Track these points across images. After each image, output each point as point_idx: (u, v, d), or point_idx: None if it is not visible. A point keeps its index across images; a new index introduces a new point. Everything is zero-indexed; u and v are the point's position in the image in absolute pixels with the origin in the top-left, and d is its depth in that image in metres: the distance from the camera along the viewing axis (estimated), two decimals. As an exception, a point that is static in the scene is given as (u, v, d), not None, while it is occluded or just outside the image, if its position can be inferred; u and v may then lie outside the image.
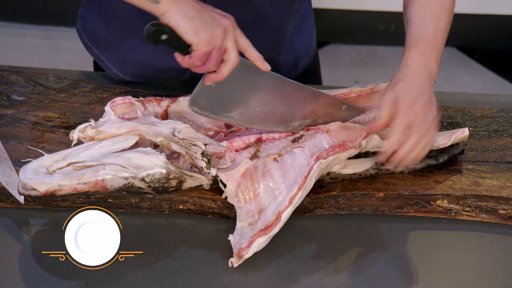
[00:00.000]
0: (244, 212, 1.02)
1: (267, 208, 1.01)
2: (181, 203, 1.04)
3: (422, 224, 1.07)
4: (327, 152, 1.05)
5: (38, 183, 0.94)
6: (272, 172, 1.04)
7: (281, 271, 0.96)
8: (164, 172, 0.99)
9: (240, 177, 1.04)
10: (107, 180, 0.96)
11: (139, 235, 0.99)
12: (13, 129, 1.13)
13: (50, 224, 1.00)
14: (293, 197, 1.00)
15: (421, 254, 1.01)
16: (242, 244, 0.97)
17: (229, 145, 1.08)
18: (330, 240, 1.02)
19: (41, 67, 1.40)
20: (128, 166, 0.98)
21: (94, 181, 0.96)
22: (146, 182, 0.98)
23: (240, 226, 1.00)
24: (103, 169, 0.96)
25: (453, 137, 1.15)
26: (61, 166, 0.98)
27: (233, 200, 1.02)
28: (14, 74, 1.26)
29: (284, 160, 1.05)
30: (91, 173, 0.96)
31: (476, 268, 1.00)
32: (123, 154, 0.99)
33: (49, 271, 0.92)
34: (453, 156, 1.16)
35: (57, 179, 0.95)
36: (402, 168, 1.12)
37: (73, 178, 0.95)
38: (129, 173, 0.97)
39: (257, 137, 1.10)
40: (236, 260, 0.95)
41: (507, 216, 1.09)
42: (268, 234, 0.97)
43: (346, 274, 0.97)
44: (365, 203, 1.08)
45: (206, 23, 0.99)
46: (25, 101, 1.20)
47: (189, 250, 0.98)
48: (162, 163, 0.99)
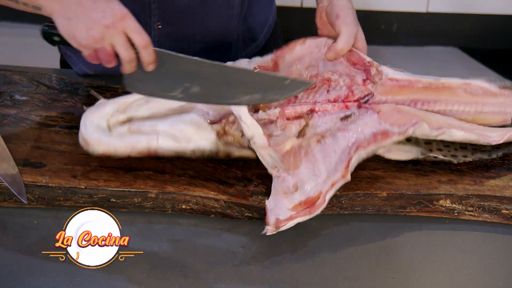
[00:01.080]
0: (280, 180, 1.04)
1: (306, 183, 1.03)
2: (184, 203, 1.04)
3: (424, 224, 1.07)
4: (368, 142, 1.06)
5: (96, 142, 1.04)
6: (315, 153, 1.07)
7: (283, 271, 0.96)
8: (214, 147, 1.06)
9: (285, 153, 1.08)
10: (160, 150, 1.05)
11: (141, 235, 0.99)
12: (16, 128, 1.13)
13: (53, 223, 1.00)
14: (335, 182, 1.02)
15: (423, 254, 1.01)
16: (279, 214, 0.99)
17: (281, 112, 1.11)
18: (333, 239, 1.02)
19: (44, 67, 1.40)
20: (180, 138, 1.05)
21: (147, 151, 1.05)
22: (195, 153, 1.06)
23: (275, 193, 1.02)
24: (156, 140, 1.04)
25: (508, 135, 1.15)
26: (121, 120, 1.07)
27: (272, 170, 1.06)
28: (17, 74, 1.27)
29: (327, 142, 1.08)
30: (145, 142, 1.05)
31: (479, 268, 1.00)
32: (176, 124, 1.06)
33: (49, 271, 0.92)
34: (509, 154, 1.17)
35: (114, 142, 1.04)
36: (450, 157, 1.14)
37: (128, 144, 1.04)
38: (180, 146, 1.05)
39: (310, 107, 1.12)
40: (273, 229, 0.97)
41: (510, 216, 1.09)
42: (311, 215, 1.00)
43: (348, 273, 0.97)
44: (368, 202, 1.08)
45: (79, 26, 0.97)
46: (28, 101, 1.20)
47: (191, 250, 0.98)
48: (212, 140, 1.06)
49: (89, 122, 1.06)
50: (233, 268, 0.95)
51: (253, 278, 0.94)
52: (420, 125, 1.09)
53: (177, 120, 1.07)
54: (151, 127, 1.07)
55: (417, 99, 1.17)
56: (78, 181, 1.02)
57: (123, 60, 1.00)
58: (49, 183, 1.01)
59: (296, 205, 1.01)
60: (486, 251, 1.03)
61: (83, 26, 0.97)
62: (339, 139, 1.08)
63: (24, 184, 1.01)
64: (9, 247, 0.96)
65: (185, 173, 1.07)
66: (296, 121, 1.12)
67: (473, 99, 1.17)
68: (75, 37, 0.98)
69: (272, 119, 1.12)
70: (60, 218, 1.00)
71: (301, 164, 1.06)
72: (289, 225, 0.98)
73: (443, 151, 1.15)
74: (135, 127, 1.07)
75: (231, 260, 0.96)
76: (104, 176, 1.04)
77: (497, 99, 1.18)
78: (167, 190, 1.03)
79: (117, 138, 1.05)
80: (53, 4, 0.97)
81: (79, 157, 1.07)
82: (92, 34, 0.97)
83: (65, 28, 0.98)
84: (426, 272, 0.98)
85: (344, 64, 1.17)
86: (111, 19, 0.97)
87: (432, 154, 1.14)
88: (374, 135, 1.08)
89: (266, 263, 0.97)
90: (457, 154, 1.15)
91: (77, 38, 0.98)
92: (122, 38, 0.98)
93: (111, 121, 1.08)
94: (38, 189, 1.01)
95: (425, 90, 1.17)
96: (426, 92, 1.17)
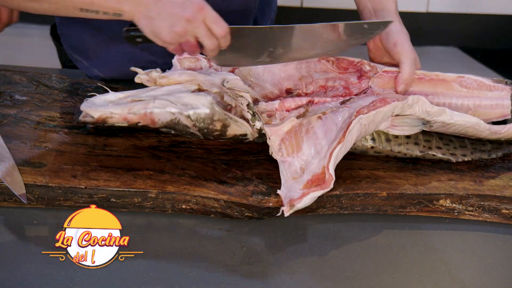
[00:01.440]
0: (287, 166, 1.05)
1: (311, 162, 1.04)
2: (184, 203, 1.04)
3: (424, 223, 1.07)
4: (368, 108, 1.06)
5: (93, 109, 1.03)
6: (316, 129, 1.07)
7: (283, 271, 0.96)
8: (209, 111, 1.05)
9: (285, 133, 1.08)
10: (155, 113, 1.04)
11: (141, 235, 0.99)
12: (16, 128, 1.13)
13: (53, 223, 1.00)
14: (332, 151, 1.03)
15: (423, 254, 1.01)
16: (293, 196, 1.00)
17: (280, 104, 1.12)
18: (333, 239, 1.02)
19: (44, 66, 1.40)
20: (177, 102, 1.04)
21: (143, 113, 1.04)
22: (191, 120, 1.05)
23: (285, 180, 1.03)
24: (153, 102, 1.04)
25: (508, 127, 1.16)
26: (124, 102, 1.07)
27: (276, 155, 1.06)
28: (17, 74, 1.27)
29: (328, 117, 1.08)
30: (142, 105, 1.04)
31: (479, 268, 1.00)
32: (175, 93, 1.06)
33: (49, 271, 0.92)
34: (509, 154, 1.17)
35: (111, 107, 1.04)
36: (449, 156, 1.14)
37: (124, 107, 1.03)
38: (176, 109, 1.04)
39: (309, 99, 1.13)
40: (288, 209, 0.99)
41: (510, 216, 1.09)
42: (324, 190, 1.00)
43: (348, 273, 0.97)
44: (368, 202, 1.08)
45: (163, 24, 0.99)
46: (28, 101, 1.20)
47: (191, 250, 0.98)
48: (208, 103, 1.04)
49: (90, 101, 1.07)
50: (233, 268, 0.95)
51: (253, 278, 0.94)
52: (420, 98, 1.09)
53: (176, 90, 1.08)
54: (151, 96, 1.07)
55: (414, 91, 1.17)
56: (78, 181, 1.02)
57: (207, 49, 1.03)
58: (49, 183, 1.01)
59: (305, 184, 1.02)
60: (486, 251, 1.03)
61: (166, 24, 0.99)
62: (340, 113, 1.09)
63: (24, 184, 1.01)
64: (9, 247, 0.96)
65: (185, 173, 1.07)
66: (295, 111, 1.13)
67: (469, 93, 1.18)
68: (159, 35, 0.99)
69: (272, 111, 1.12)
70: (60, 218, 1.00)
71: (302, 143, 1.07)
72: (305, 202, 0.99)
73: (442, 149, 1.15)
74: (136, 98, 1.07)
75: (231, 260, 0.96)
76: (104, 176, 1.04)
77: (493, 93, 1.19)
78: (167, 190, 1.03)
79: (115, 104, 1.06)
80: (134, 8, 0.98)
81: (79, 157, 1.07)
82: (176, 30, 0.99)
83: (148, 28, 1.00)
84: (426, 272, 0.98)
85: (335, 72, 1.18)
86: (191, 12, 0.99)
87: (431, 152, 1.14)
88: (373, 101, 1.08)
89: (266, 263, 0.97)
90: (456, 153, 1.15)
91: (162, 36, 0.99)
92: (203, 28, 1.01)
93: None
94: (38, 189, 1.01)
95: (420, 82, 1.18)
96: (422, 84, 1.17)
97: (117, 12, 0.99)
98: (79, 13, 1.00)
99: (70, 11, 0.99)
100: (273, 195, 1.05)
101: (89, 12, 0.99)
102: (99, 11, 0.99)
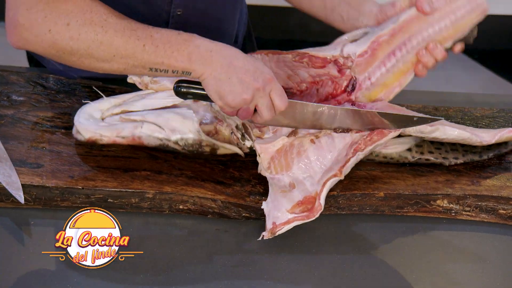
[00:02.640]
0: (276, 181, 1.05)
1: (303, 183, 1.04)
2: (181, 203, 1.04)
3: (422, 224, 1.07)
4: (365, 143, 1.07)
5: (84, 128, 1.06)
6: (308, 153, 1.07)
7: (281, 271, 0.96)
8: (197, 138, 1.07)
9: (275, 152, 1.08)
10: (143, 138, 1.07)
11: (139, 235, 0.99)
12: (13, 129, 1.13)
13: (50, 224, 1.00)
14: (326, 181, 1.02)
15: (421, 254, 1.01)
16: (277, 217, 0.98)
17: None
18: (330, 239, 1.02)
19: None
20: (165, 127, 1.06)
21: (131, 138, 1.06)
22: (179, 145, 1.07)
23: (273, 193, 1.02)
24: (141, 127, 1.06)
25: (498, 136, 1.16)
26: (116, 112, 1.10)
27: (265, 172, 1.06)
28: (14, 74, 1.26)
29: (322, 142, 1.08)
30: (130, 129, 1.06)
31: (476, 268, 1.00)
32: (164, 113, 1.07)
33: (49, 271, 0.92)
34: (500, 155, 1.17)
35: (101, 129, 1.06)
36: (442, 160, 1.15)
37: (113, 130, 1.06)
38: (163, 135, 1.06)
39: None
40: (268, 235, 0.97)
41: (507, 216, 1.09)
42: (307, 220, 0.99)
43: (345, 274, 0.97)
44: (365, 203, 1.08)
45: (231, 88, 1.00)
46: (25, 101, 1.20)
47: (189, 250, 0.98)
48: (195, 130, 1.06)
49: (83, 112, 1.09)
50: (230, 268, 0.95)
51: (251, 279, 0.94)
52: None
53: (164, 111, 1.09)
54: (140, 116, 1.08)
55: (394, 48, 1.13)
56: (75, 181, 1.02)
57: (262, 118, 1.04)
58: (46, 183, 1.01)
59: (294, 205, 1.01)
60: (483, 251, 1.03)
61: (235, 89, 0.99)
62: (335, 139, 1.08)
63: (21, 184, 1.00)
64: (6, 247, 0.95)
65: (182, 174, 1.07)
66: None
67: (443, 13, 1.13)
68: (225, 98, 1.00)
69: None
70: (57, 219, 1.00)
71: (293, 164, 1.06)
72: (286, 229, 0.98)
73: (434, 153, 1.15)
74: (125, 117, 1.09)
75: (228, 261, 0.96)
76: (102, 176, 1.04)
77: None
78: (165, 190, 1.03)
79: (105, 125, 1.07)
80: (203, 68, 0.99)
81: (76, 157, 1.07)
82: (244, 97, 1.00)
83: (214, 89, 1.00)
84: (424, 272, 0.98)
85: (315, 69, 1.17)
86: (261, 82, 1.01)
87: (423, 157, 1.14)
88: (369, 135, 1.08)
89: (264, 263, 0.97)
90: (448, 157, 1.15)
91: (228, 99, 1.00)
92: (267, 100, 1.02)
93: (105, 114, 1.10)
94: (35, 190, 1.01)
95: (394, 37, 1.14)
96: (396, 37, 1.14)
97: (186, 70, 1.00)
98: (147, 72, 1.00)
99: (139, 70, 1.00)
100: (270, 196, 1.05)
101: (157, 72, 1.00)
102: (168, 70, 0.99)
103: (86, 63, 0.99)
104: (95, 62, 0.98)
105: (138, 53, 0.97)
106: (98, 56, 0.97)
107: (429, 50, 1.13)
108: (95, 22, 0.96)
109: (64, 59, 0.99)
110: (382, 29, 1.15)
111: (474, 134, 1.13)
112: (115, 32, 0.96)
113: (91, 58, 0.98)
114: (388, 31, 1.14)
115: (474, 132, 1.14)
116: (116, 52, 0.97)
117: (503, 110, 1.32)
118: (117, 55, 0.97)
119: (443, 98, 1.43)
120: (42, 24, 0.95)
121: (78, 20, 0.96)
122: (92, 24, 0.96)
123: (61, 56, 0.98)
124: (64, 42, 0.96)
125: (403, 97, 1.19)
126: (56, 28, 0.95)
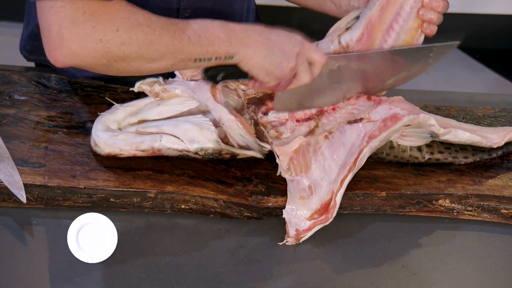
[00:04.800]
0: (295, 184, 1.05)
1: (320, 185, 1.04)
2: (183, 203, 1.04)
3: (424, 223, 1.07)
4: (380, 129, 1.06)
5: (103, 143, 1.06)
6: (323, 150, 1.07)
7: (282, 271, 0.96)
8: (216, 148, 1.06)
9: (293, 152, 1.08)
10: (163, 150, 1.07)
11: (140, 235, 0.99)
12: (15, 128, 1.13)
13: (52, 223, 1.00)
14: (344, 178, 1.03)
15: (423, 254, 1.01)
16: (299, 225, 1.00)
17: (291, 115, 1.12)
18: (332, 239, 1.02)
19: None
20: (184, 138, 1.06)
21: (151, 151, 1.06)
22: (200, 154, 1.07)
23: (291, 198, 1.03)
24: (159, 140, 1.06)
25: (508, 136, 1.16)
26: (132, 122, 1.10)
27: (285, 174, 1.06)
28: (16, 73, 1.26)
29: (335, 137, 1.08)
30: (149, 142, 1.06)
31: (478, 268, 1.00)
32: (181, 123, 1.07)
33: (52, 270, 0.92)
34: (508, 153, 1.17)
35: (120, 143, 1.06)
36: (452, 159, 1.15)
37: (132, 144, 1.06)
38: (183, 146, 1.06)
39: (319, 109, 1.13)
40: (293, 241, 1.00)
41: (509, 216, 1.09)
42: (327, 223, 1.01)
43: (347, 273, 0.97)
44: (367, 202, 1.08)
45: (277, 61, 1.01)
46: (27, 100, 1.20)
47: (191, 250, 0.98)
48: (214, 140, 1.06)
49: (100, 125, 1.08)
50: (232, 268, 0.95)
51: (253, 278, 0.94)
52: (430, 118, 1.09)
53: (181, 121, 1.08)
54: (156, 128, 1.08)
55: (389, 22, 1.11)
56: (77, 181, 1.02)
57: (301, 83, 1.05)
58: (48, 183, 1.01)
59: (313, 213, 1.02)
60: (485, 250, 1.03)
61: (281, 61, 1.01)
62: (347, 131, 1.08)
63: (23, 183, 1.01)
64: (9, 246, 0.95)
65: (184, 173, 1.07)
66: (306, 123, 1.12)
67: None
68: (273, 72, 1.01)
69: (282, 121, 1.12)
70: (59, 218, 1.00)
71: (311, 163, 1.07)
72: (309, 235, 1.01)
73: (444, 153, 1.15)
74: (142, 128, 1.08)
75: (230, 260, 0.96)
76: (103, 176, 1.04)
77: None
78: (166, 190, 1.03)
79: (123, 139, 1.06)
80: (246, 49, 0.99)
81: (78, 157, 1.07)
82: (291, 65, 1.01)
83: (261, 66, 1.01)
84: (426, 272, 0.98)
85: None
86: (299, 46, 1.02)
87: (434, 157, 1.14)
88: (384, 121, 1.07)
89: (265, 263, 0.97)
90: (458, 156, 1.15)
91: (276, 72, 1.01)
92: (306, 63, 1.03)
93: (122, 124, 1.10)
94: (37, 189, 1.01)
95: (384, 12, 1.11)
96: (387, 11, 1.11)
97: (228, 55, 1.00)
98: (192, 65, 1.00)
99: (184, 64, 0.99)
100: (272, 195, 1.05)
101: (201, 62, 1.00)
102: (212, 58, 0.99)
103: (135, 66, 0.97)
104: (144, 64, 0.97)
105: (185, 46, 0.96)
106: (149, 56, 0.96)
107: (426, 6, 1.11)
108: (141, 23, 0.94)
109: (113, 67, 0.96)
110: (370, 8, 1.13)
111: (485, 137, 1.14)
112: (161, 29, 0.95)
113: (141, 60, 0.96)
114: (376, 7, 1.12)
115: (484, 135, 1.14)
116: (165, 49, 0.96)
117: (505, 110, 1.32)
118: (166, 51, 0.96)
119: (445, 97, 1.43)
120: (92, 35, 0.92)
121: (125, 24, 0.93)
122: (139, 25, 0.94)
123: (111, 64, 0.95)
124: (116, 48, 0.93)
125: (405, 97, 1.19)
126: (106, 36, 0.92)
